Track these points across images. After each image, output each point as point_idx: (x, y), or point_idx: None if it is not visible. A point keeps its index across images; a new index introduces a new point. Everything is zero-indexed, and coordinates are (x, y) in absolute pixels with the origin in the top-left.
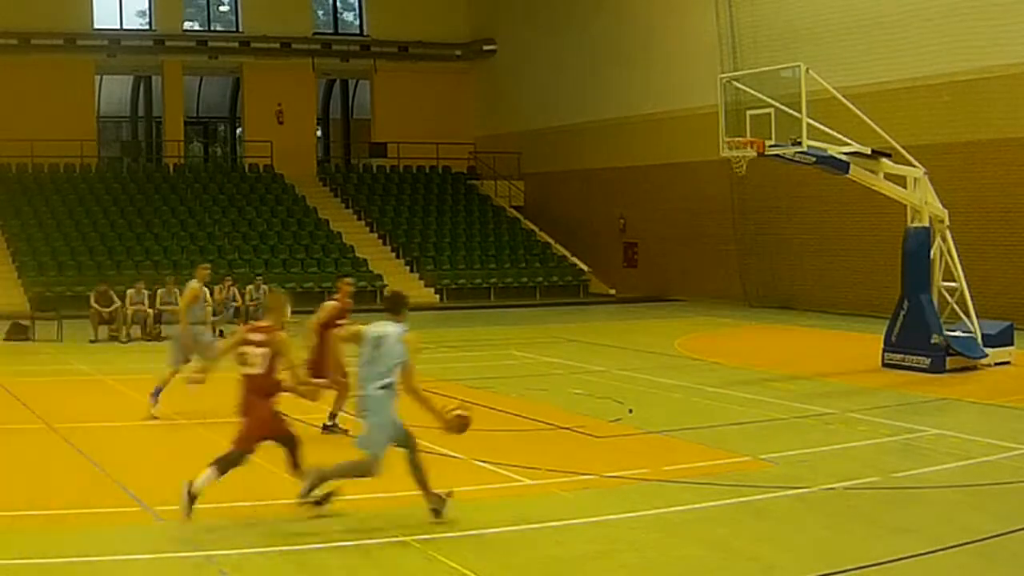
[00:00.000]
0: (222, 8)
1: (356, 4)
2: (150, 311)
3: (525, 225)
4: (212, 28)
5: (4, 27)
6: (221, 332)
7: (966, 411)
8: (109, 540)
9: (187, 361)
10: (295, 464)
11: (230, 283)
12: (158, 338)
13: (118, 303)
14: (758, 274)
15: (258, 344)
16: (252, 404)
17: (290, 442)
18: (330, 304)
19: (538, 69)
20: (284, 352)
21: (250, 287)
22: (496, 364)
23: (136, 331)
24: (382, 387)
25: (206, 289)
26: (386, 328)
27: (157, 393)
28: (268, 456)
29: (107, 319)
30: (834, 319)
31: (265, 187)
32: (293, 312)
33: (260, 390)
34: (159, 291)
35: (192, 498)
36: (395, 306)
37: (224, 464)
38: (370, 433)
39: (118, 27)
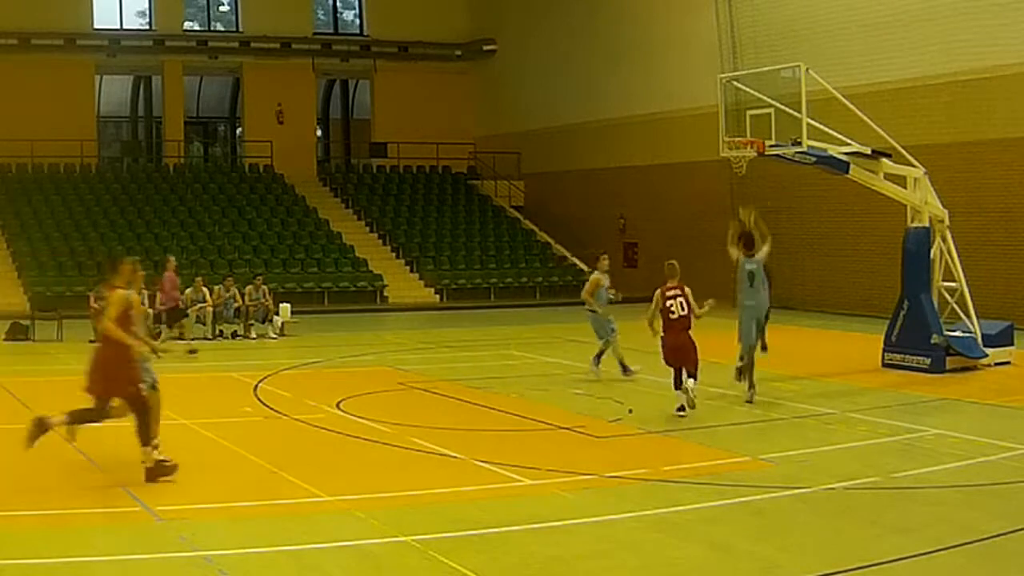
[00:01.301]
0: (222, 8)
1: (356, 4)
2: (150, 311)
3: (525, 225)
4: (212, 28)
5: (4, 27)
6: (221, 332)
7: (966, 411)
8: (109, 540)
9: None
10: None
11: (231, 283)
12: (157, 338)
13: None
14: None
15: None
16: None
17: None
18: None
19: (538, 69)
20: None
21: (250, 287)
22: (496, 364)
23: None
24: None
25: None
26: None
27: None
28: (268, 456)
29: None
30: (834, 319)
31: (265, 187)
32: (294, 312)
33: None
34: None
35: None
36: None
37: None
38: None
39: (118, 27)
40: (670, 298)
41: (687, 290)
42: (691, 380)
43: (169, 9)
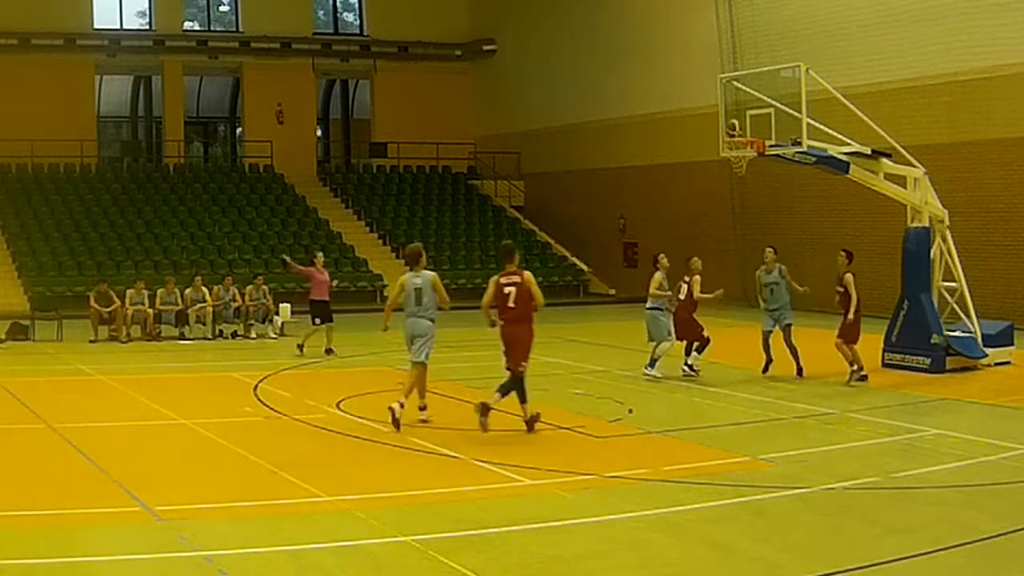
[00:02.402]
0: (222, 8)
1: (356, 4)
2: (150, 311)
3: (525, 225)
4: (212, 28)
5: (4, 27)
6: (221, 332)
7: (966, 411)
8: (109, 540)
9: None
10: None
11: (230, 283)
12: (158, 338)
13: (117, 303)
14: None
15: None
16: None
17: None
18: None
19: (538, 69)
20: None
21: (250, 287)
22: (496, 364)
23: (136, 331)
24: None
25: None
26: None
27: None
28: (268, 456)
29: (107, 319)
30: (834, 319)
31: (265, 187)
32: (294, 312)
33: None
34: (159, 291)
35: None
36: None
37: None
38: None
39: (118, 27)
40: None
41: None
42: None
43: (169, 9)
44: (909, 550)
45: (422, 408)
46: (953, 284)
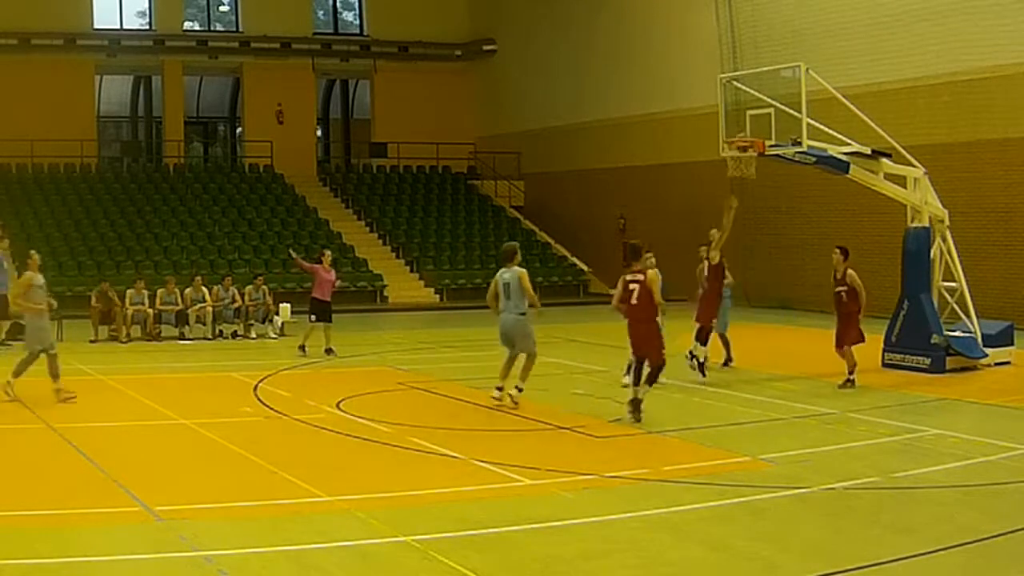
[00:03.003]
0: (222, 8)
1: (356, 4)
2: (150, 311)
3: (525, 225)
4: (212, 28)
5: (4, 27)
6: (221, 332)
7: (966, 411)
8: (109, 540)
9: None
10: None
11: (230, 283)
12: (158, 338)
13: (118, 303)
14: (758, 274)
15: None
16: None
17: None
18: None
19: (538, 69)
20: None
21: (250, 287)
22: (496, 364)
23: (136, 331)
24: None
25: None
26: None
27: None
28: (268, 456)
29: (107, 319)
30: (834, 319)
31: (265, 187)
32: (294, 312)
33: None
34: (159, 291)
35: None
36: None
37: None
38: None
39: (118, 27)
40: (630, 283)
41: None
42: None
43: (169, 9)
44: (909, 550)
45: (518, 390)
46: (953, 284)
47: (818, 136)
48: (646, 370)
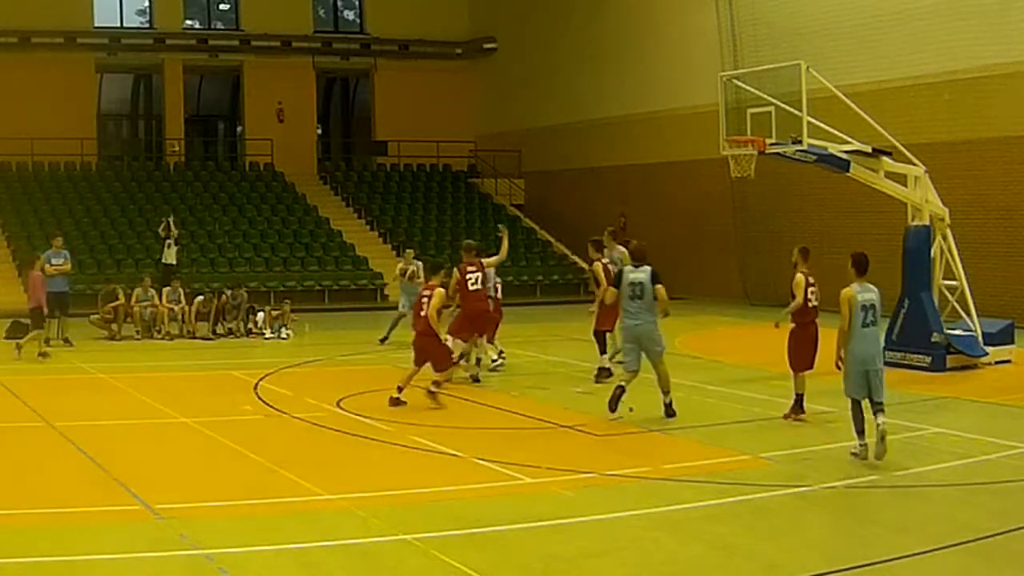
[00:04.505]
0: (222, 6)
1: (356, 2)
2: (156, 309)
3: (525, 223)
4: (212, 26)
5: (4, 25)
6: (231, 331)
7: (966, 409)
8: (109, 539)
9: None
10: None
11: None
12: (162, 336)
13: (120, 301)
14: (758, 272)
15: None
16: None
17: None
18: None
19: (539, 67)
20: None
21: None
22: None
23: (143, 329)
24: None
25: None
26: None
27: None
28: (269, 454)
29: (110, 318)
30: (834, 317)
31: (265, 185)
32: (294, 311)
33: None
34: (164, 290)
35: None
36: None
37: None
38: None
39: (118, 25)
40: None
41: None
42: None
43: (169, 7)
44: (909, 548)
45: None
46: (953, 282)
47: (819, 134)
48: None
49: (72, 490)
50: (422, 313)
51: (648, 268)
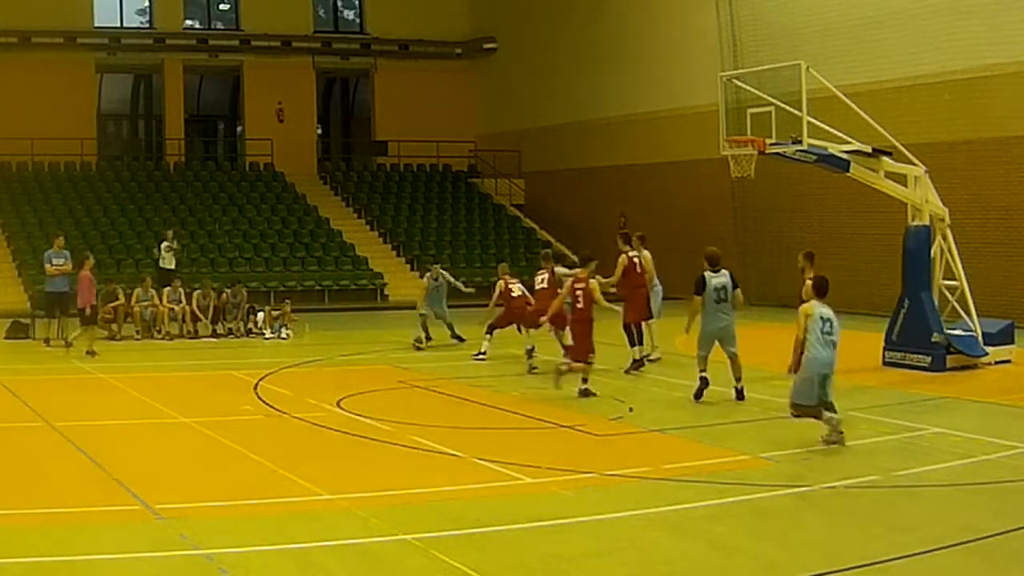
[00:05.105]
0: (222, 6)
1: (356, 2)
2: (156, 309)
3: (525, 223)
4: (212, 26)
5: (4, 25)
6: (231, 331)
7: (967, 409)
8: (109, 539)
9: None
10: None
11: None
12: (162, 336)
13: (120, 301)
14: (758, 273)
15: None
16: None
17: None
18: None
19: (539, 67)
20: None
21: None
22: (496, 363)
23: (143, 329)
24: None
25: None
26: None
27: None
28: (269, 454)
29: (110, 318)
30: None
31: (265, 185)
32: (294, 311)
33: None
34: (165, 290)
35: None
36: None
37: None
38: None
39: (118, 25)
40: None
41: None
42: None
43: (169, 7)
44: (909, 549)
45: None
46: (954, 282)
47: (818, 134)
48: None
49: (72, 490)
50: (578, 305)
51: (727, 272)
